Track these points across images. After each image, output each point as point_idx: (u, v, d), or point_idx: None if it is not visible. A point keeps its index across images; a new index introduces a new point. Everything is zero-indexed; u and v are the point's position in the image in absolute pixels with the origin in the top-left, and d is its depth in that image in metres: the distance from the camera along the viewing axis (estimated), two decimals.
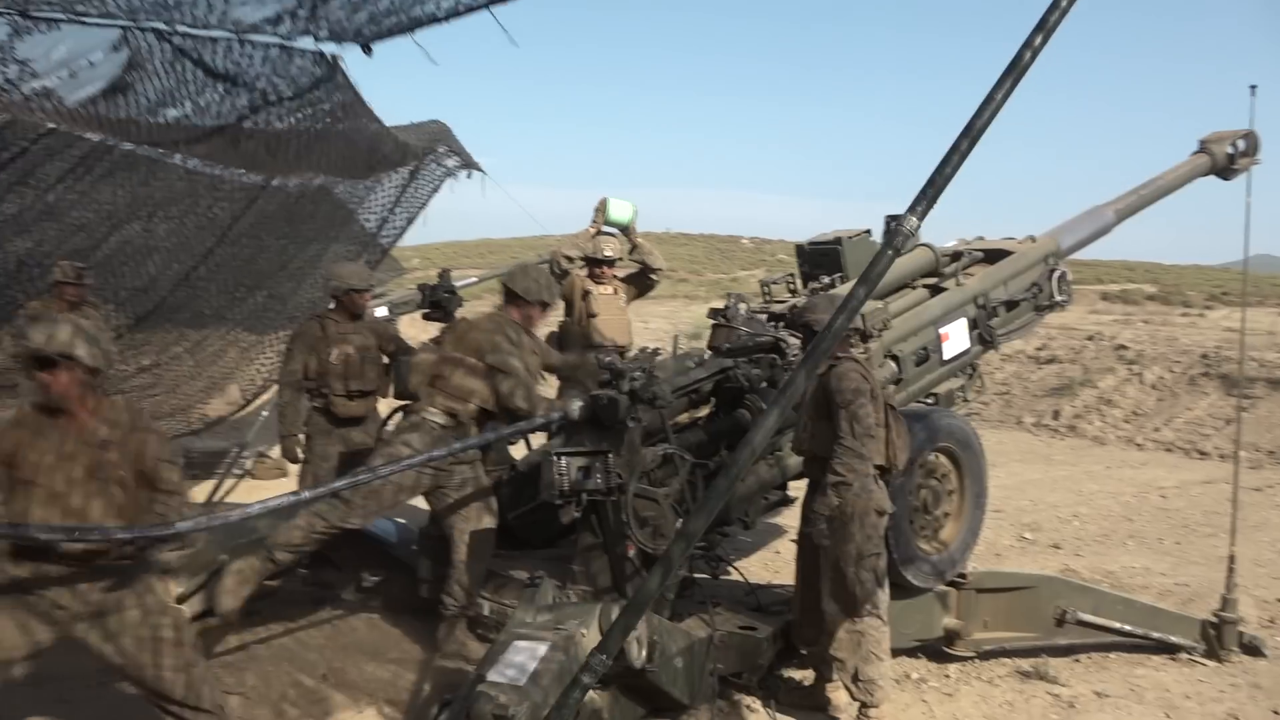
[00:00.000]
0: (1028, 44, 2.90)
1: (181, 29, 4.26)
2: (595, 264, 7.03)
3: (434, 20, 4.08)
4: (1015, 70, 2.97)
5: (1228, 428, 12.51)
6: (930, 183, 3.06)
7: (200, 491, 7.89)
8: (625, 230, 7.26)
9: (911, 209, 3.11)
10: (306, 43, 4.52)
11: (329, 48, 4.57)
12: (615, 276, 7.15)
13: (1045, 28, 2.91)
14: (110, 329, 7.54)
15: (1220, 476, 10.42)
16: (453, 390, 4.86)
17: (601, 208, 7.16)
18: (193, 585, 4.76)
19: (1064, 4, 2.87)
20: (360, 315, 6.04)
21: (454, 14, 4.03)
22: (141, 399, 9.86)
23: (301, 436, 6.01)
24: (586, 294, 7.01)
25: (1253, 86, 6.29)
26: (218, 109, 5.30)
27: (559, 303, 6.18)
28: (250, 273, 9.84)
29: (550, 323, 6.54)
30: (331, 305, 6.06)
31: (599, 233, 7.13)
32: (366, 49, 4.39)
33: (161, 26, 4.27)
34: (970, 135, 2.98)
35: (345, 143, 6.45)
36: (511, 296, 5.10)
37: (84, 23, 4.20)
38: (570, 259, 7.08)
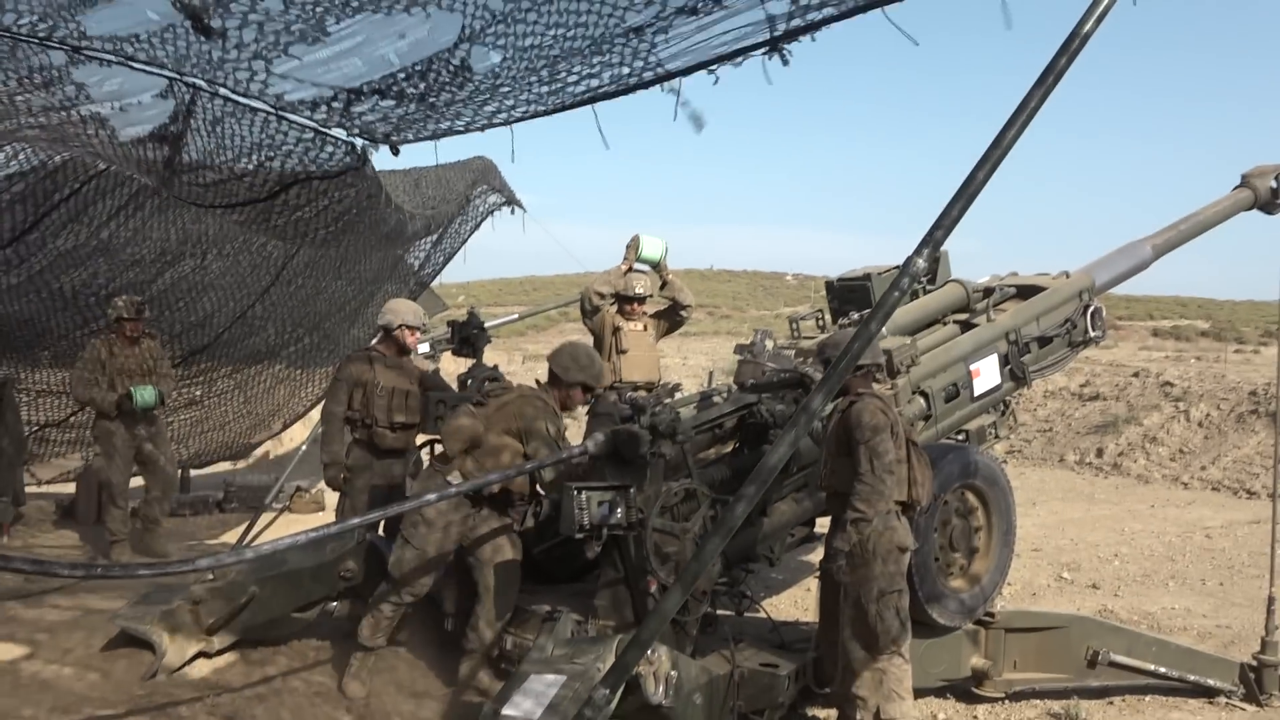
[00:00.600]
0: (1018, 114, 2.94)
1: (224, 91, 4.43)
2: (626, 301, 7.09)
3: (456, 132, 4.24)
4: (1022, 118, 3.01)
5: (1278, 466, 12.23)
6: (939, 221, 3.10)
7: (238, 524, 8.03)
8: (656, 266, 7.33)
9: (918, 250, 3.16)
10: (339, 132, 4.70)
11: (359, 141, 4.75)
12: (645, 313, 7.21)
13: (1050, 78, 2.95)
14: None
15: (1269, 516, 10.16)
16: (486, 465, 4.83)
17: (633, 245, 7.24)
18: (223, 617, 4.85)
19: (1063, 62, 2.90)
20: (408, 351, 6.18)
21: (477, 128, 4.19)
22: (188, 434, 10.11)
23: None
24: (617, 330, 7.07)
25: None
26: (251, 180, 5.50)
27: (602, 384, 6.10)
28: (308, 314, 10.06)
29: None
30: (380, 339, 6.20)
31: (630, 269, 7.20)
32: (394, 150, 4.56)
33: (203, 85, 4.44)
34: (986, 166, 3.02)
35: (369, 230, 6.63)
36: (552, 376, 5.03)
37: (132, 67, 4.37)
38: (602, 296, 7.15)
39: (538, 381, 5.11)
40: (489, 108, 3.82)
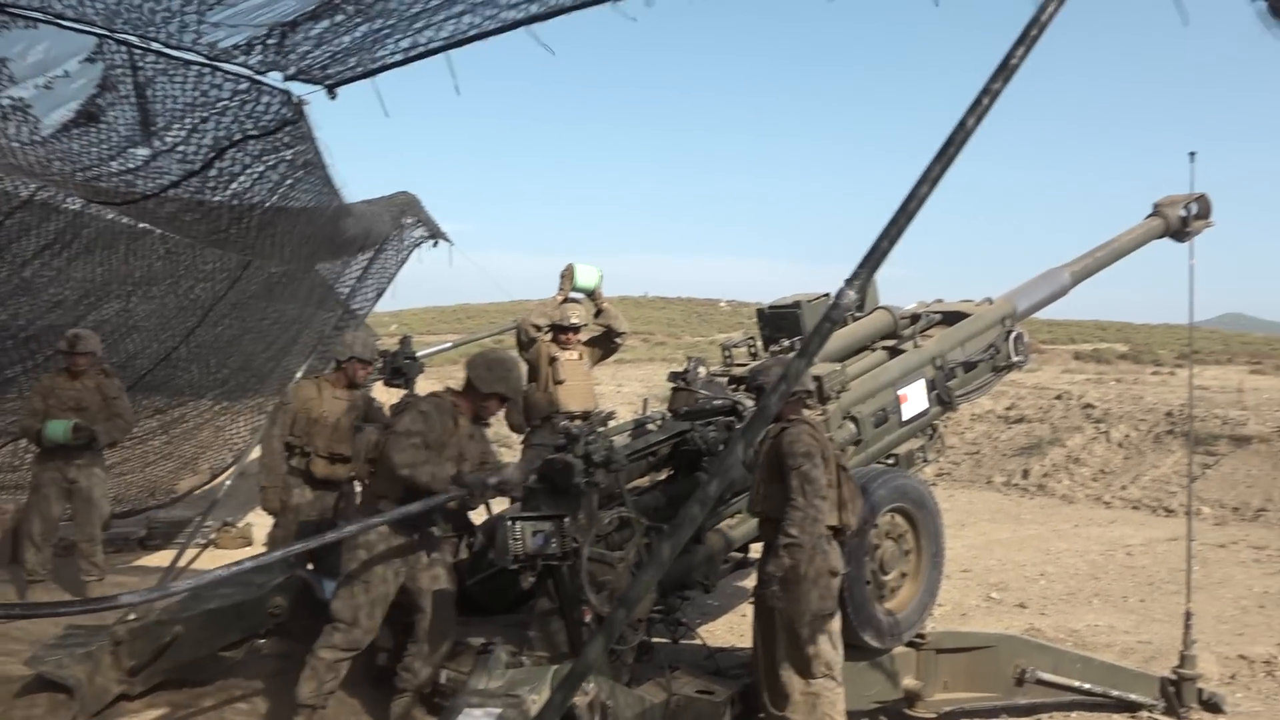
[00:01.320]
0: (960, 126, 3.03)
1: (155, 46, 4.34)
2: (561, 330, 7.10)
3: (395, 64, 4.21)
4: (946, 153, 3.10)
5: (1193, 484, 12.64)
6: (868, 256, 3.18)
7: (162, 560, 7.83)
8: (591, 295, 7.36)
9: (849, 282, 3.23)
10: (275, 78, 4.62)
11: (296, 88, 4.67)
12: (579, 341, 7.23)
13: (978, 109, 3.05)
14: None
15: (1186, 534, 10.50)
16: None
17: (568, 274, 7.25)
18: (146, 658, 4.72)
19: (995, 87, 3.00)
20: (358, 385, 6.17)
21: (414, 58, 4.16)
22: (109, 478, 9.79)
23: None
24: (553, 360, 7.07)
25: (1192, 153, 6.50)
26: (184, 148, 5.36)
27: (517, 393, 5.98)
28: (234, 352, 9.88)
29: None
30: (332, 369, 6.22)
31: (566, 299, 7.22)
32: (331, 92, 4.50)
33: (135, 40, 4.35)
34: (906, 212, 3.10)
35: (307, 219, 6.53)
36: (467, 384, 4.81)
37: (60, 25, 4.26)
38: (539, 327, 7.15)
39: (450, 389, 4.91)
40: (418, 24, 3.76)
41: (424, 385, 7.18)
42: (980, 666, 5.53)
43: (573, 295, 7.30)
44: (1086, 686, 5.66)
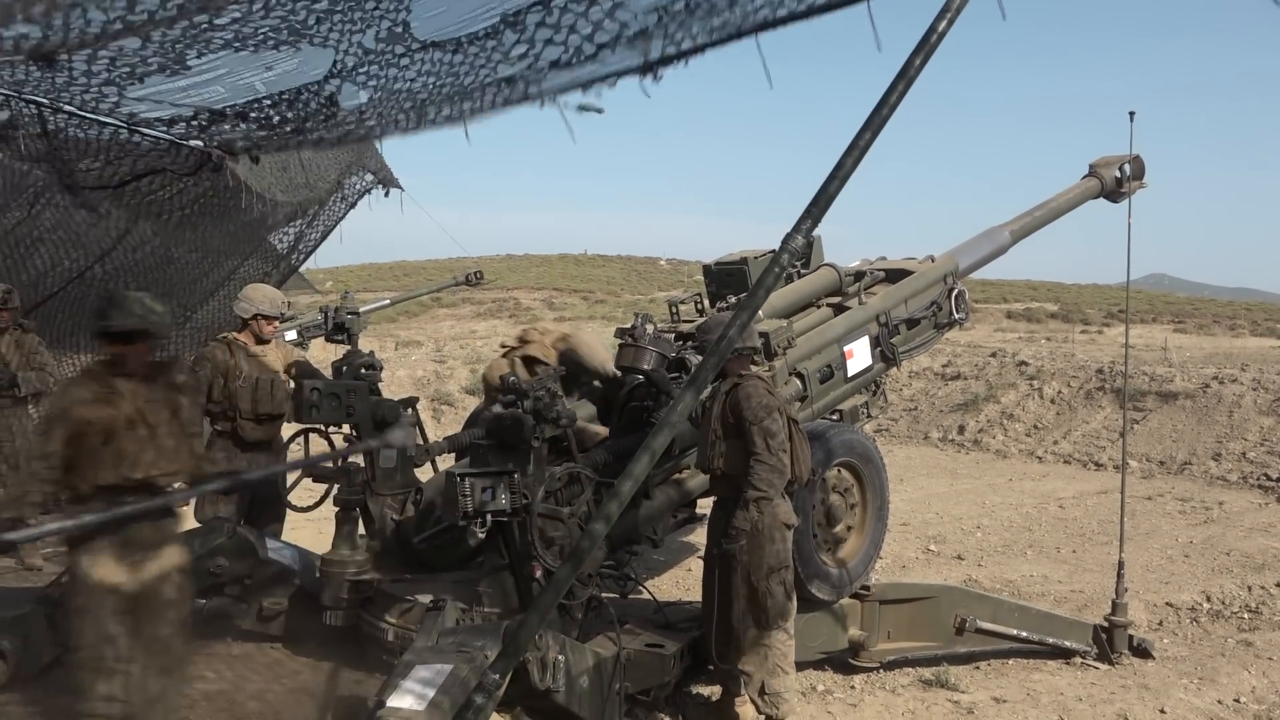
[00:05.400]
0: (905, 68, 3.02)
1: (67, 109, 4.15)
2: None
3: (319, 143, 4.09)
4: (904, 78, 3.09)
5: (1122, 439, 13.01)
6: (814, 202, 3.16)
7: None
8: None
9: (797, 228, 3.22)
10: (196, 144, 4.49)
11: (216, 152, 4.54)
12: None
13: (913, 69, 3.04)
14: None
15: (1115, 487, 10.76)
16: None
17: None
18: None
19: (925, 50, 2.99)
20: (267, 340, 5.98)
21: (340, 140, 4.05)
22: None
23: None
24: None
25: (1131, 113, 6.57)
26: (101, 172, 5.19)
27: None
28: (157, 280, 9.45)
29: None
30: (239, 328, 5.98)
31: None
32: (254, 159, 4.38)
33: (45, 102, 4.15)
34: (853, 152, 3.09)
35: (228, 215, 6.33)
36: None
37: None
38: None
39: None
40: (351, 129, 3.71)
41: (365, 342, 7.07)
42: (922, 616, 5.65)
43: None
44: (1023, 634, 5.82)
